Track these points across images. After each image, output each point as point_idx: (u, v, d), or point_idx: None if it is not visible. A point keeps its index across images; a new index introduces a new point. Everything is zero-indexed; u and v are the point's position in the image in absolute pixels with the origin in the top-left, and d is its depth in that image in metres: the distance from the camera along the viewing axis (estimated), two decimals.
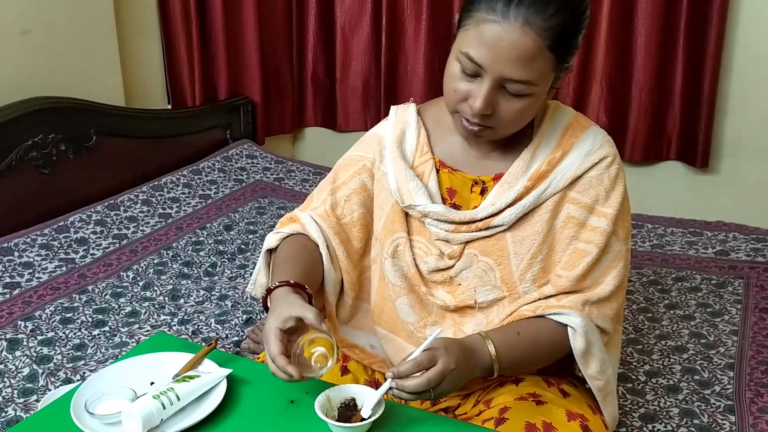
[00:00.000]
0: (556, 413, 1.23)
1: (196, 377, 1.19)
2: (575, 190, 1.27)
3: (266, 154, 3.19)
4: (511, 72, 1.14)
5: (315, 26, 3.41)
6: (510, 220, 1.27)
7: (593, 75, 2.96)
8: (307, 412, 1.14)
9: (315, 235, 1.37)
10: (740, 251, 2.33)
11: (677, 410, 1.62)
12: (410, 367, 1.11)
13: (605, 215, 1.26)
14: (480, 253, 1.29)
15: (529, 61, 1.13)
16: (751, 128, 2.89)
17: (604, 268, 1.27)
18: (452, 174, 1.33)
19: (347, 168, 1.42)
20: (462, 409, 1.35)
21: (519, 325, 1.26)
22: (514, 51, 1.12)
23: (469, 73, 1.18)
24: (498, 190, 1.29)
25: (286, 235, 1.40)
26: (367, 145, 1.42)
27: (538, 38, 1.12)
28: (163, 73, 3.14)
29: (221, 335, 1.91)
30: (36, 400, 1.64)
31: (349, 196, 1.39)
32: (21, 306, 1.99)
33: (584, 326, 1.23)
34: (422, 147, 1.35)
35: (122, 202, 2.58)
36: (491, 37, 1.13)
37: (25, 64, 2.47)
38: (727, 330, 1.92)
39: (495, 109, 1.19)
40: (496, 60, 1.14)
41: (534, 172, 1.27)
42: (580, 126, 1.31)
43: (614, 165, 1.28)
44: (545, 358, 1.30)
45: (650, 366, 1.78)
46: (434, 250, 1.32)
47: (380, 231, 1.37)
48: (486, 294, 1.30)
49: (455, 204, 1.33)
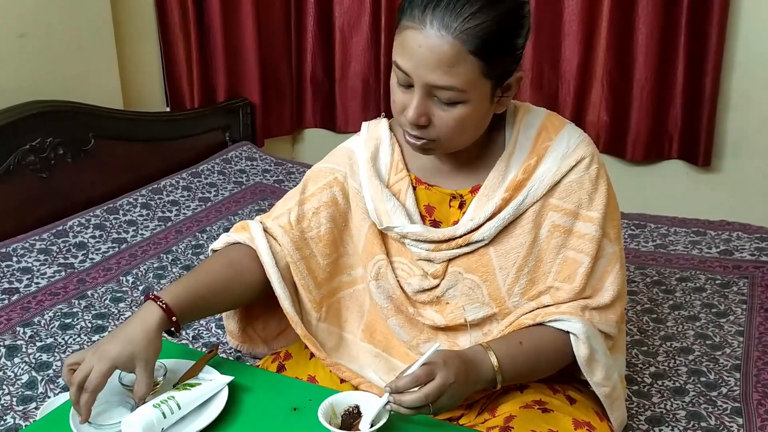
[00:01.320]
0: (563, 421, 1.21)
1: (197, 385, 1.18)
2: (555, 197, 1.24)
3: (266, 156, 3.17)
4: (435, 78, 1.11)
5: (314, 27, 3.39)
6: (490, 234, 1.24)
7: (594, 74, 2.94)
8: (311, 419, 1.13)
9: (262, 250, 1.32)
10: (744, 251, 2.31)
11: (684, 413, 1.60)
12: (408, 381, 1.09)
13: (592, 220, 1.23)
14: (464, 270, 1.27)
15: (450, 66, 1.10)
16: (753, 126, 2.87)
17: (600, 273, 1.25)
18: (429, 190, 1.30)
19: (317, 179, 1.38)
20: (465, 418, 1.32)
21: (520, 334, 1.23)
22: (433, 56, 1.09)
23: (402, 83, 1.16)
24: (476, 203, 1.26)
25: (233, 242, 1.36)
26: (338, 158, 1.38)
27: (456, 42, 1.08)
28: (162, 75, 3.13)
29: (222, 340, 1.89)
30: (35, 408, 1.62)
31: (317, 209, 1.35)
32: (20, 312, 1.97)
33: (586, 332, 1.21)
34: (397, 164, 1.32)
35: (121, 205, 2.57)
36: (411, 43, 1.11)
37: (22, 67, 2.45)
38: (732, 331, 1.90)
39: (431, 120, 1.16)
40: (418, 66, 1.11)
41: (510, 182, 1.23)
42: (554, 127, 1.26)
43: (593, 165, 1.24)
44: (549, 367, 1.27)
45: (656, 368, 1.77)
46: (417, 270, 1.29)
47: (361, 253, 1.34)
48: (475, 312, 1.27)
49: (435, 221, 1.30)
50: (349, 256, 1.39)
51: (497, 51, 1.12)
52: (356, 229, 1.35)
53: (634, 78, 2.90)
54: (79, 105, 2.55)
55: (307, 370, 1.38)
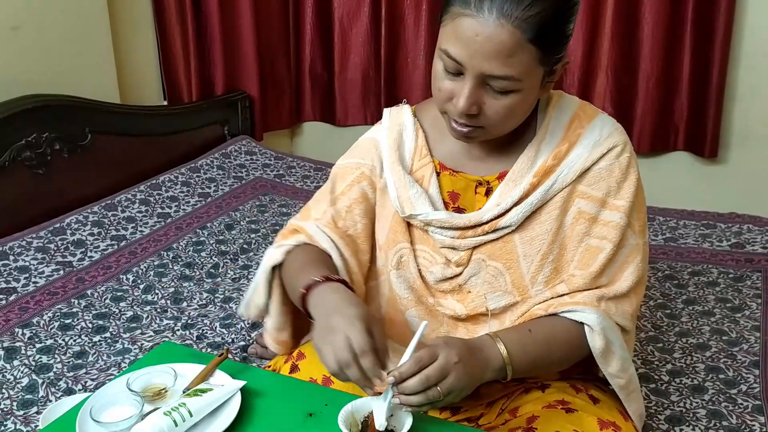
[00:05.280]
0: (588, 421, 1.17)
1: (209, 390, 1.12)
2: (584, 183, 1.21)
3: (265, 150, 3.12)
4: (491, 68, 1.07)
5: (312, 18, 3.33)
6: (517, 220, 1.21)
7: (599, 64, 2.90)
8: (328, 426, 1.08)
9: (326, 245, 1.28)
10: (756, 243, 2.28)
11: (704, 411, 1.56)
12: (410, 364, 1.02)
13: (618, 208, 1.20)
14: (488, 257, 1.23)
15: (508, 56, 1.06)
16: (759, 117, 2.83)
17: (620, 263, 1.21)
18: (454, 176, 1.27)
19: (344, 177, 1.34)
20: (486, 419, 1.28)
21: (530, 323, 1.20)
22: (492, 46, 1.05)
23: (451, 71, 1.12)
24: (502, 189, 1.22)
25: (290, 249, 1.31)
26: (364, 150, 1.34)
27: (516, 31, 1.05)
28: (159, 68, 3.07)
29: (227, 340, 1.85)
30: (37, 413, 1.57)
31: (350, 207, 1.32)
32: (18, 312, 1.92)
33: (601, 323, 1.17)
34: (421, 150, 1.29)
35: (119, 202, 2.51)
36: (467, 32, 1.07)
37: (16, 61, 2.39)
38: (749, 326, 1.86)
39: (481, 109, 1.12)
40: (473, 56, 1.07)
41: (539, 168, 1.20)
42: (587, 115, 1.24)
43: (625, 153, 1.21)
44: (562, 358, 1.23)
45: (672, 365, 1.73)
46: (440, 258, 1.26)
47: (384, 242, 1.31)
48: (497, 300, 1.24)
49: (459, 208, 1.26)
50: (380, 249, 1.36)
51: (553, 38, 1.10)
52: (383, 219, 1.31)
53: (639, 69, 2.85)
54: (74, 99, 2.49)
55: (321, 370, 1.33)
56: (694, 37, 2.74)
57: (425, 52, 3.15)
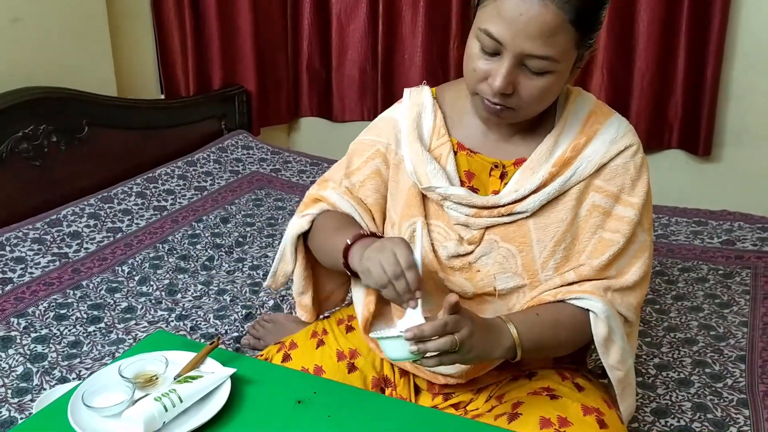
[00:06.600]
0: (572, 407, 1.21)
1: (199, 377, 1.14)
2: (600, 178, 1.24)
3: (262, 145, 3.13)
4: (532, 48, 1.10)
5: (310, 14, 3.34)
6: (534, 207, 1.24)
7: (594, 61, 2.90)
8: (316, 412, 1.10)
9: (348, 209, 1.35)
10: (746, 241, 2.30)
11: (689, 404, 1.58)
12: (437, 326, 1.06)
13: (632, 205, 1.24)
14: (501, 239, 1.26)
15: (550, 36, 1.09)
16: (754, 116, 2.84)
17: (629, 258, 1.25)
18: (471, 157, 1.30)
19: (361, 153, 1.39)
20: (474, 404, 1.31)
21: (537, 308, 1.23)
22: (535, 25, 1.08)
23: (488, 51, 1.14)
24: (521, 175, 1.25)
25: (314, 217, 1.38)
26: (380, 129, 1.38)
27: (560, 11, 1.08)
28: (156, 62, 3.08)
29: (220, 331, 1.87)
30: (31, 400, 1.59)
31: (363, 182, 1.38)
32: (13, 302, 1.93)
33: (606, 311, 1.21)
34: (439, 129, 1.32)
35: (116, 194, 2.53)
36: (510, 11, 1.09)
37: (14, 53, 2.41)
38: (736, 321, 1.88)
39: (516, 89, 1.15)
40: (516, 35, 1.10)
41: (558, 158, 1.24)
42: (603, 113, 1.28)
43: (639, 154, 1.26)
44: (567, 342, 1.26)
45: (660, 359, 1.75)
46: (453, 234, 1.28)
47: (398, 215, 1.33)
48: (506, 281, 1.27)
49: (473, 187, 1.29)
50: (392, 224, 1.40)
51: (591, 21, 1.13)
52: (398, 193, 1.35)
53: (634, 66, 2.86)
54: (72, 92, 2.51)
55: (313, 359, 1.36)
56: (689, 35, 2.75)
57: (422, 49, 3.16)
